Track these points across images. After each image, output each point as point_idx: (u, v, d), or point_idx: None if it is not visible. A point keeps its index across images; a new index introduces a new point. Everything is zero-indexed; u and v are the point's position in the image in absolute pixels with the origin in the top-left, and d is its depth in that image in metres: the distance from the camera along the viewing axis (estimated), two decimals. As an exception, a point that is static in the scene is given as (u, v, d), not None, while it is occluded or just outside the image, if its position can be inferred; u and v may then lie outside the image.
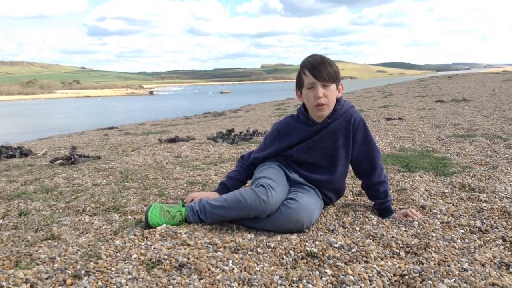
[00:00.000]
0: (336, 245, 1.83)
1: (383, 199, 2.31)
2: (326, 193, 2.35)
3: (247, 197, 2.04)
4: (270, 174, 2.20)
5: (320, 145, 2.29)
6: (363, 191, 2.53)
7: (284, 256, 1.77)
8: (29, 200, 2.81)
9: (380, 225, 2.12)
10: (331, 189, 2.36)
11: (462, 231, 2.01)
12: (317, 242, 1.87)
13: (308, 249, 1.80)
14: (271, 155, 2.41)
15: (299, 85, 2.27)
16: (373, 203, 2.40)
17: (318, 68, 2.14)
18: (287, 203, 2.06)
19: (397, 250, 1.81)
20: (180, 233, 2.02)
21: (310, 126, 2.28)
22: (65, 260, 1.73)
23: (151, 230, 2.05)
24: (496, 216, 2.19)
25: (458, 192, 2.70)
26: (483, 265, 1.62)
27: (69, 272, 1.61)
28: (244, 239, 1.95)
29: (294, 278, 1.55)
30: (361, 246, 1.82)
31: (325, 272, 1.60)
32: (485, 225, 2.06)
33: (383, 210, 2.31)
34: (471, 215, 2.23)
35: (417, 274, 1.53)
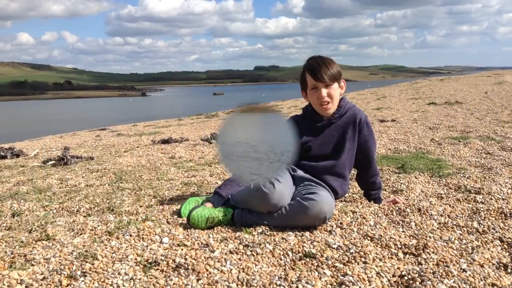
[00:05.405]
0: (334, 246, 1.82)
1: (377, 190, 2.53)
2: (331, 183, 2.35)
3: (254, 185, 2.07)
4: None
5: (330, 139, 2.39)
6: (360, 190, 2.65)
7: (283, 257, 1.76)
8: (22, 201, 2.77)
9: (377, 226, 2.11)
10: (335, 174, 2.37)
11: (460, 232, 2.01)
12: (315, 243, 1.86)
13: (307, 249, 1.79)
14: None
15: (303, 86, 2.37)
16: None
17: (319, 71, 2.24)
18: (308, 196, 2.06)
19: (395, 251, 1.81)
20: (177, 234, 2.00)
21: (318, 122, 2.39)
22: (60, 261, 1.70)
23: (146, 231, 2.03)
24: (492, 217, 2.20)
25: (454, 193, 2.70)
26: (482, 266, 1.62)
27: (65, 273, 1.59)
28: (242, 239, 1.94)
29: (294, 279, 1.54)
30: (359, 247, 1.81)
31: (324, 273, 1.60)
32: (482, 226, 2.06)
33: (376, 199, 2.52)
34: (468, 216, 2.23)
35: (417, 275, 1.52)
